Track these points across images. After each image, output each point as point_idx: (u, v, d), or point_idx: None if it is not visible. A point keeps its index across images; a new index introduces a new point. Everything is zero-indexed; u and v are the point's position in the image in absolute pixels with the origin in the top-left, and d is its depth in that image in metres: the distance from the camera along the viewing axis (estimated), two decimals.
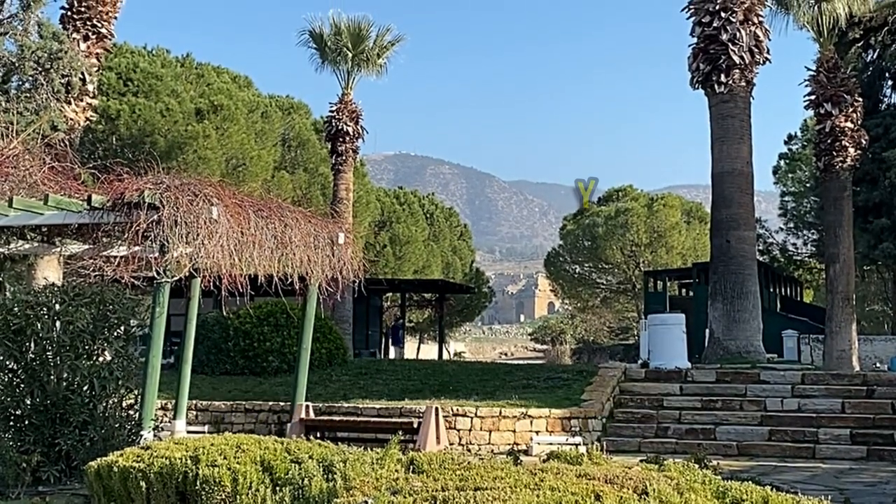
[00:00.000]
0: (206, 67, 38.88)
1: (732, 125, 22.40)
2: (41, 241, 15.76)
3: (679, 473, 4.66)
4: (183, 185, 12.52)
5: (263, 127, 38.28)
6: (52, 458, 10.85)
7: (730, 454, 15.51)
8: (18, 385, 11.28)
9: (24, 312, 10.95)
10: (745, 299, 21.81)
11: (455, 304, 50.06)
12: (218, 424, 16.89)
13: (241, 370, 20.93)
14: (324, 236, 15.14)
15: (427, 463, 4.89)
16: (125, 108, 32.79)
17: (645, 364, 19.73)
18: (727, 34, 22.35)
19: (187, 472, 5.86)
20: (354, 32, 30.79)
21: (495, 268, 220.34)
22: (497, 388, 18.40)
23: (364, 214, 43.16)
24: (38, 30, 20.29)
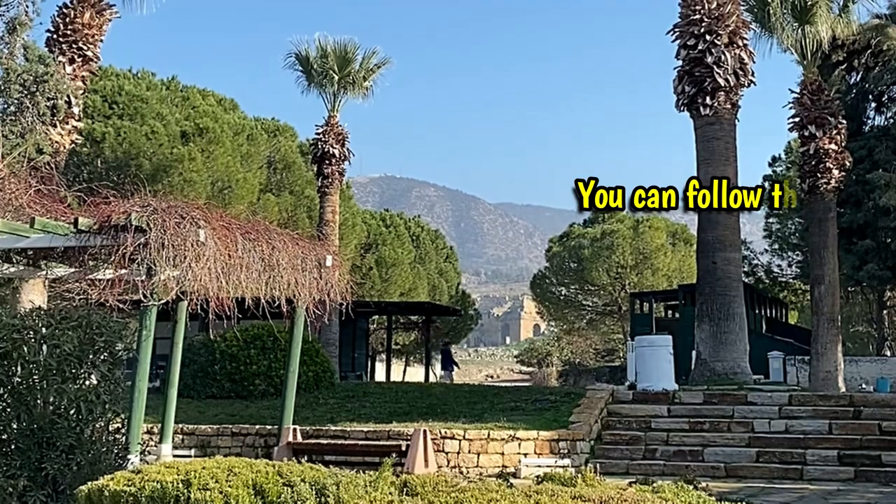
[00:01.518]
0: (191, 90, 38.88)
1: (718, 147, 22.49)
2: (27, 265, 15.67)
3: (673, 494, 4.65)
4: (170, 208, 12.49)
5: (249, 149, 38.27)
6: (39, 482, 10.74)
7: (718, 476, 15.48)
8: (4, 409, 11.18)
9: (10, 336, 10.87)
10: (731, 321, 21.86)
11: (441, 326, 49.95)
12: (204, 448, 16.79)
13: (227, 394, 20.83)
14: (311, 259, 15.12)
15: (420, 486, 4.87)
16: (110, 130, 32.75)
17: (632, 386, 19.73)
18: (712, 57, 22.49)
19: (179, 495, 5.82)
20: (340, 55, 30.89)
21: (481, 290, 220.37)
22: (485, 410, 18.36)
23: (350, 237, 43.14)
24: (23, 53, 20.25)
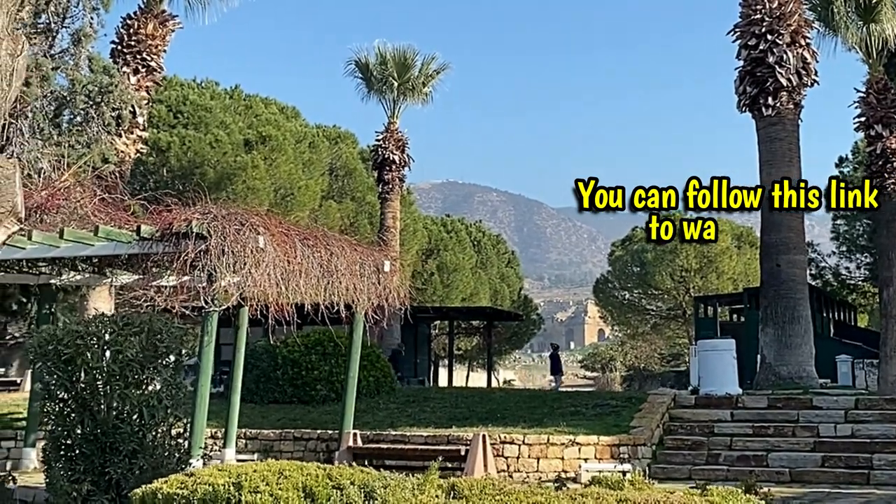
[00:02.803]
0: (254, 99, 39.30)
1: (780, 148, 22.22)
2: (92, 272, 15.99)
3: (721, 498, 4.60)
4: (230, 215, 12.64)
5: (311, 157, 38.56)
6: (102, 486, 10.92)
7: (782, 481, 15.27)
8: (69, 414, 11.39)
9: (73, 342, 11.07)
10: (796, 324, 21.56)
11: (503, 331, 49.90)
12: (267, 453, 16.92)
13: (289, 399, 20.98)
14: (369, 264, 15.20)
15: (468, 489, 4.87)
16: (175, 139, 33.22)
17: (695, 390, 19.53)
18: (774, 57, 22.23)
19: (230, 498, 5.89)
20: (400, 62, 31.06)
21: (544, 295, 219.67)
22: (545, 415, 18.29)
23: (411, 242, 43.26)
24: (88, 64, 20.64)
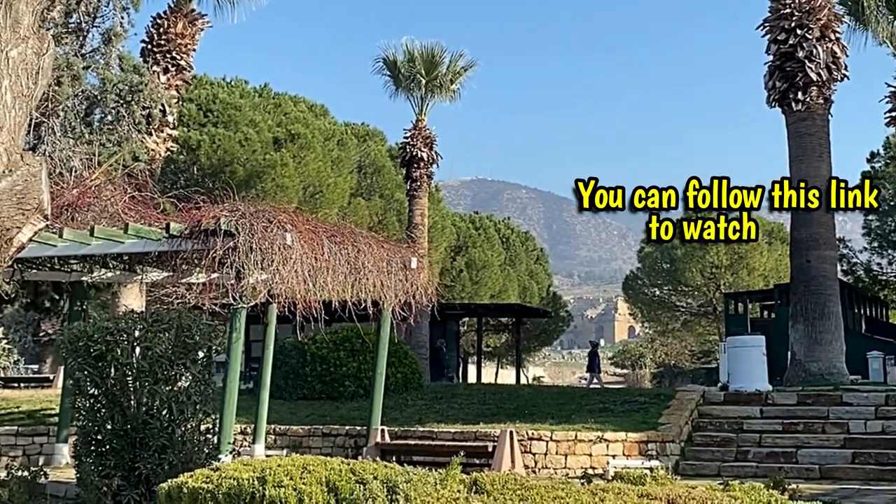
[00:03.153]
0: (283, 97, 39.46)
1: (810, 143, 22.07)
2: (123, 270, 16.13)
3: (743, 493, 4.61)
4: (257, 213, 12.73)
5: (339, 154, 38.67)
6: (132, 482, 11.03)
7: (812, 477, 15.19)
8: (100, 410, 11.51)
9: (104, 338, 11.18)
10: (826, 320, 21.41)
11: (532, 328, 49.84)
12: (296, 448, 17.02)
13: (318, 395, 21.10)
14: (396, 261, 15.25)
15: (489, 483, 4.90)
16: (205, 138, 33.42)
17: (724, 387, 19.45)
18: (803, 51, 22.08)
19: (254, 492, 5.94)
20: (427, 59, 31.06)
21: (574, 292, 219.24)
22: (573, 411, 18.29)
23: (440, 239, 43.30)
24: (119, 63, 20.81)
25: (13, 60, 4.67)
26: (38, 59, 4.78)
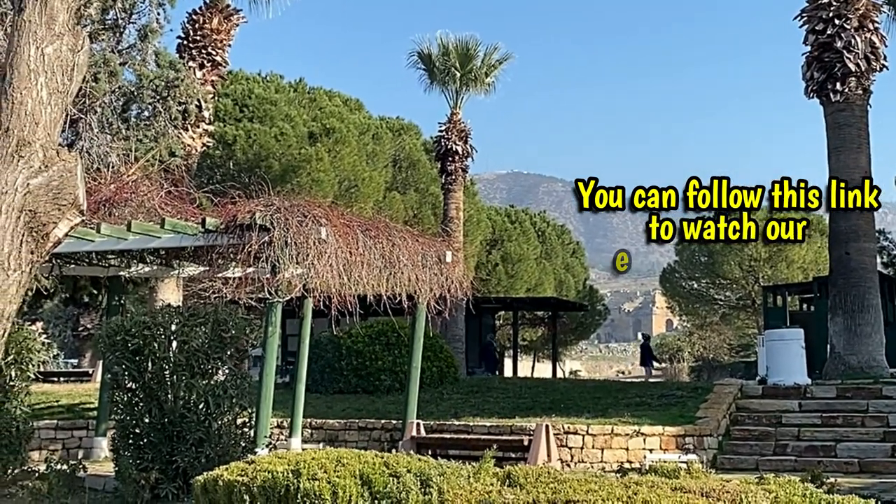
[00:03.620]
0: (318, 91, 39.54)
1: (849, 134, 21.84)
2: (160, 264, 16.26)
3: (778, 487, 4.57)
4: (292, 207, 12.78)
5: (374, 148, 38.72)
6: (170, 475, 11.14)
7: (851, 471, 15.04)
8: (137, 404, 11.63)
9: (141, 333, 11.30)
10: (866, 313, 21.20)
11: (568, 322, 49.70)
12: (332, 442, 17.09)
13: (354, 389, 21.15)
14: (431, 255, 15.26)
15: (523, 476, 4.89)
16: (241, 133, 33.56)
17: (762, 380, 19.30)
18: (842, 42, 21.83)
19: (289, 485, 5.97)
20: (462, 52, 31.03)
21: (611, 285, 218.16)
22: (609, 405, 18.21)
23: (475, 233, 43.25)
24: (155, 59, 20.97)
25: (49, 57, 4.71)
26: (73, 55, 4.82)
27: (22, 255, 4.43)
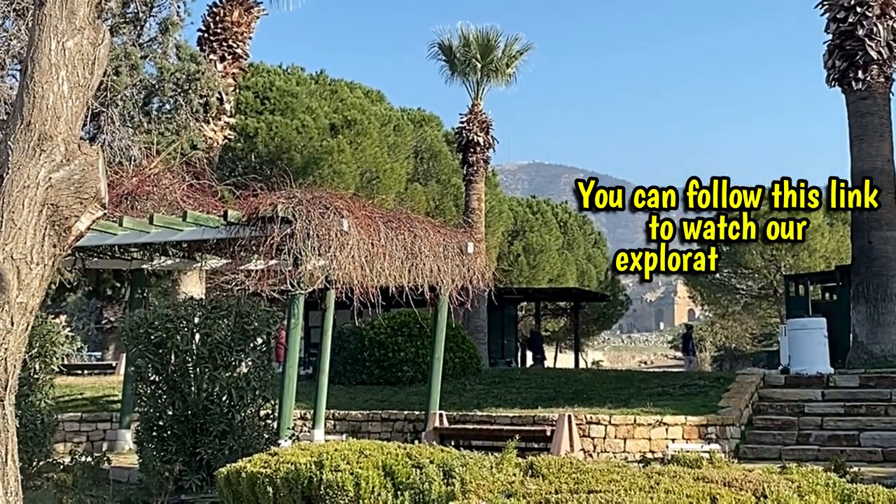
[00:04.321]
0: (339, 83, 39.57)
1: (871, 122, 21.70)
2: (182, 257, 16.32)
3: (801, 476, 4.55)
4: (314, 199, 12.79)
5: (396, 140, 38.74)
6: (194, 466, 11.18)
7: (874, 460, 14.97)
8: (160, 396, 11.68)
9: (164, 325, 11.34)
10: (889, 302, 21.08)
11: (590, 312, 49.62)
12: (356, 433, 17.11)
13: (376, 380, 21.20)
14: (453, 246, 15.23)
15: (545, 467, 4.88)
16: (262, 125, 33.65)
17: (785, 370, 19.23)
18: (863, 29, 21.67)
19: (312, 477, 5.98)
20: (483, 43, 30.98)
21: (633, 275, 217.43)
22: (631, 395, 18.19)
23: (497, 224, 43.23)
24: (176, 52, 21.02)
25: (69, 51, 4.74)
26: (94, 49, 4.84)
27: (44, 248, 4.46)
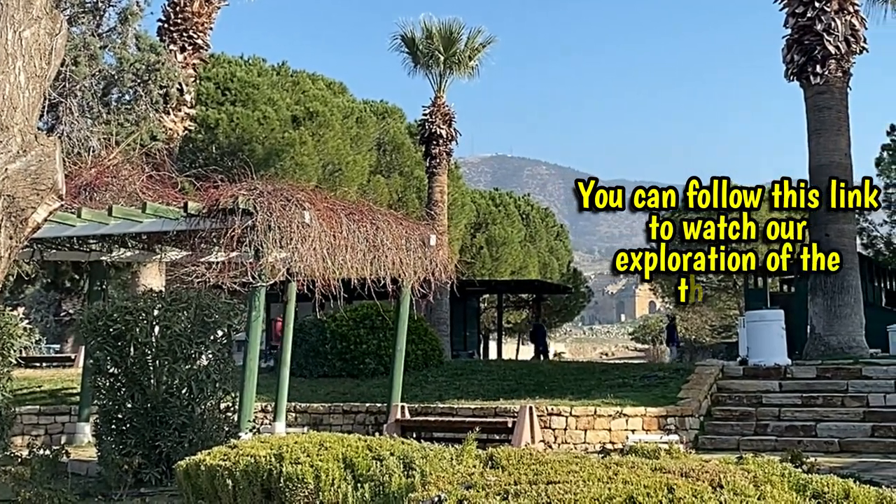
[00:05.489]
0: (301, 75, 39.39)
1: (829, 117, 21.90)
2: (142, 249, 16.21)
3: (757, 466, 4.60)
4: (276, 191, 12.74)
5: (358, 132, 38.63)
6: (153, 460, 11.14)
7: (831, 451, 15.17)
8: (119, 389, 11.61)
9: (123, 318, 11.27)
10: (846, 294, 21.30)
11: (552, 304, 49.81)
12: (317, 426, 17.08)
13: (338, 372, 21.16)
14: (415, 238, 15.24)
15: (505, 458, 4.91)
16: (223, 117, 33.42)
17: (743, 361, 19.41)
18: (822, 24, 21.86)
19: (272, 469, 5.98)
20: (446, 35, 30.91)
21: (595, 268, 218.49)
22: (593, 387, 18.29)
23: (460, 216, 43.26)
24: (136, 42, 20.85)
25: (26, 41, 4.69)
26: (51, 39, 4.79)
27: (0, 240, 4.42)
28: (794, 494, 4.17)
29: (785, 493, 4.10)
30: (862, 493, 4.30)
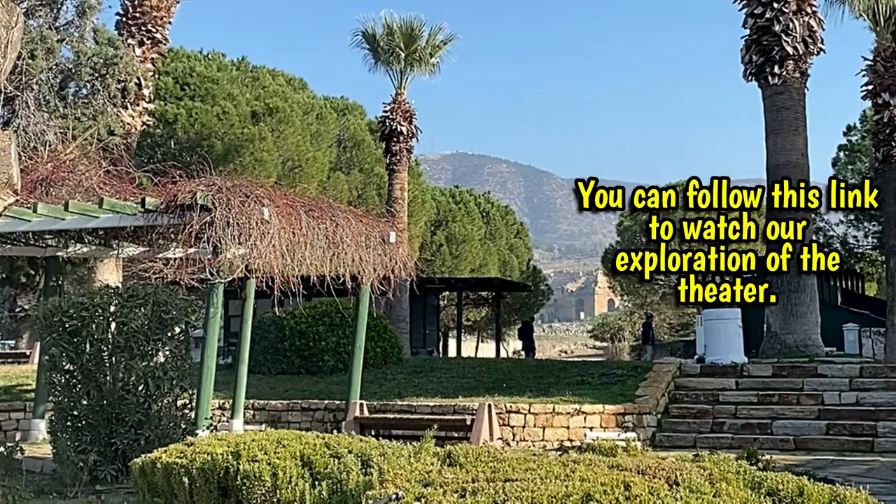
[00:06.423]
0: (261, 70, 39.21)
1: (787, 117, 22.15)
2: (98, 245, 16.05)
3: (713, 464, 4.64)
4: (234, 187, 12.66)
5: (319, 128, 38.52)
6: (109, 457, 11.05)
7: (786, 448, 15.34)
8: (75, 385, 11.50)
9: (79, 314, 11.16)
10: (802, 293, 21.55)
11: (512, 302, 49.97)
12: (275, 423, 17.03)
13: (297, 370, 21.09)
14: (375, 235, 15.22)
15: (463, 456, 4.91)
16: (182, 112, 33.20)
17: (701, 359, 19.59)
18: (780, 25, 22.09)
19: (228, 467, 5.95)
20: (407, 32, 30.87)
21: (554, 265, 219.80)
22: (551, 384, 18.37)
23: (420, 214, 43.27)
24: (93, 36, 20.66)
25: None
26: (7, 32, 4.75)
27: None
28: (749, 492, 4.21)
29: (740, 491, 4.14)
30: (816, 491, 4.35)
